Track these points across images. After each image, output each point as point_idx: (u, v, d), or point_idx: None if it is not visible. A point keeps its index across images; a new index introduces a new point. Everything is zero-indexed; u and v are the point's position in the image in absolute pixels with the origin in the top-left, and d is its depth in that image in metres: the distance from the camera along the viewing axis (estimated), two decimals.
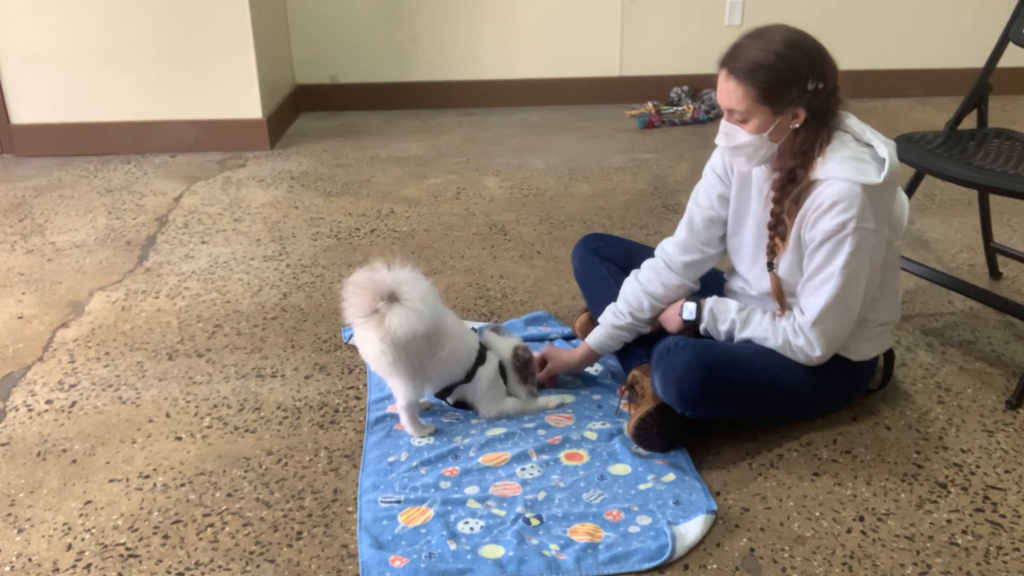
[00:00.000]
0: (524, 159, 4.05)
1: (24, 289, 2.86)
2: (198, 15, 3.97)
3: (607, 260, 2.31)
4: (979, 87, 2.51)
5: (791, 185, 1.86)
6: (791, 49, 1.78)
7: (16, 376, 2.36)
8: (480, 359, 2.08)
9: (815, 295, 1.88)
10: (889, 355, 2.17)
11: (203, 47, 4.03)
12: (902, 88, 4.92)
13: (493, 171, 3.90)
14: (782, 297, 1.97)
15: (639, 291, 2.14)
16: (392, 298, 1.88)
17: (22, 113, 4.14)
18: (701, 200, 2.10)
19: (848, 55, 4.76)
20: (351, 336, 2.42)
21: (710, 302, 2.05)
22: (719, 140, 1.91)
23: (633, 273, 2.18)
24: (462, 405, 2.17)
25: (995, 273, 2.82)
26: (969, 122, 2.53)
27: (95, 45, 4.02)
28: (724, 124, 1.88)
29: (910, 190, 2.54)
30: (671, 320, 2.13)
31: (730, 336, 2.02)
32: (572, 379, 2.29)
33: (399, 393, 2.02)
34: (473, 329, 2.13)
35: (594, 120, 4.65)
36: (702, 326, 2.06)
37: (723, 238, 2.11)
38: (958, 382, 2.27)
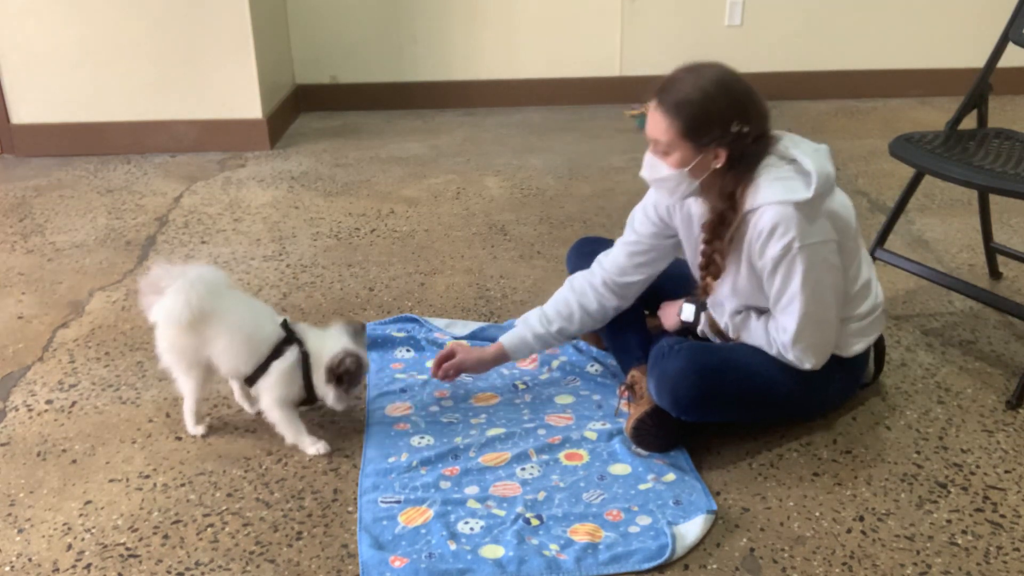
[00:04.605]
0: (524, 159, 4.05)
1: (24, 289, 2.86)
2: (198, 15, 3.97)
3: None
4: (979, 87, 2.51)
5: (722, 228, 1.86)
6: (719, 89, 1.79)
7: (16, 376, 2.36)
8: (277, 353, 2.01)
9: (786, 315, 1.87)
10: (879, 345, 2.17)
11: (203, 47, 4.03)
12: (902, 88, 4.91)
13: (493, 171, 3.90)
14: (720, 333, 2.00)
15: (573, 302, 2.12)
16: (160, 291, 1.94)
17: (22, 113, 4.13)
18: (637, 227, 2.10)
19: (848, 55, 4.80)
20: None
21: (708, 304, 2.06)
22: (644, 172, 1.91)
23: (568, 281, 2.15)
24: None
25: (995, 273, 2.82)
26: (969, 122, 2.53)
27: (95, 45, 4.01)
28: (648, 155, 1.88)
29: (910, 190, 2.54)
30: (669, 317, 2.13)
31: (726, 339, 2.02)
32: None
33: (178, 384, 2.06)
34: (285, 323, 2.05)
35: (594, 120, 4.65)
36: (699, 327, 2.06)
37: (657, 261, 2.10)
38: (958, 382, 2.27)
